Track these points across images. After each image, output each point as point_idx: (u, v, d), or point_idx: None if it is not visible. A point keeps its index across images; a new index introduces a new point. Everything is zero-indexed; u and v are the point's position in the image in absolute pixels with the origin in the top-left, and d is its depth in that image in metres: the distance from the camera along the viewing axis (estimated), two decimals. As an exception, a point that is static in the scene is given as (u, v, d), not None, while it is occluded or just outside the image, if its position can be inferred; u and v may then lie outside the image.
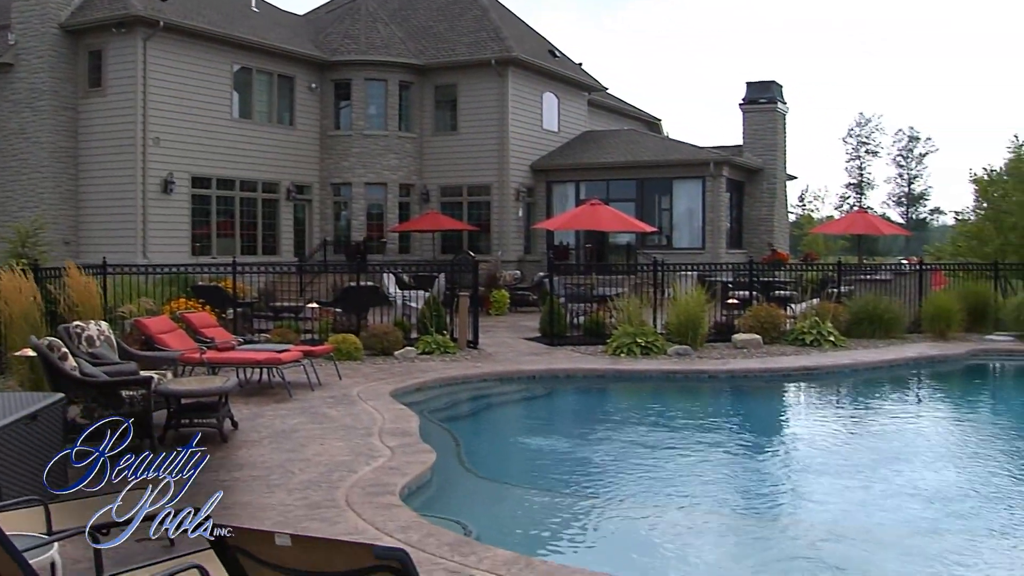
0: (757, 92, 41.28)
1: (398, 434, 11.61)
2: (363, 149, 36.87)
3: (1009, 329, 22.91)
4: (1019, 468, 12.32)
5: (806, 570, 8.09)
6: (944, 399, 18.87)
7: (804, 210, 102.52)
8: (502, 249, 36.78)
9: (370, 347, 18.76)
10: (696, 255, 34.73)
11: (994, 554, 8.57)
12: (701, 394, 17.54)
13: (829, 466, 12.20)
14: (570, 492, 10.55)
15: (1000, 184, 37.18)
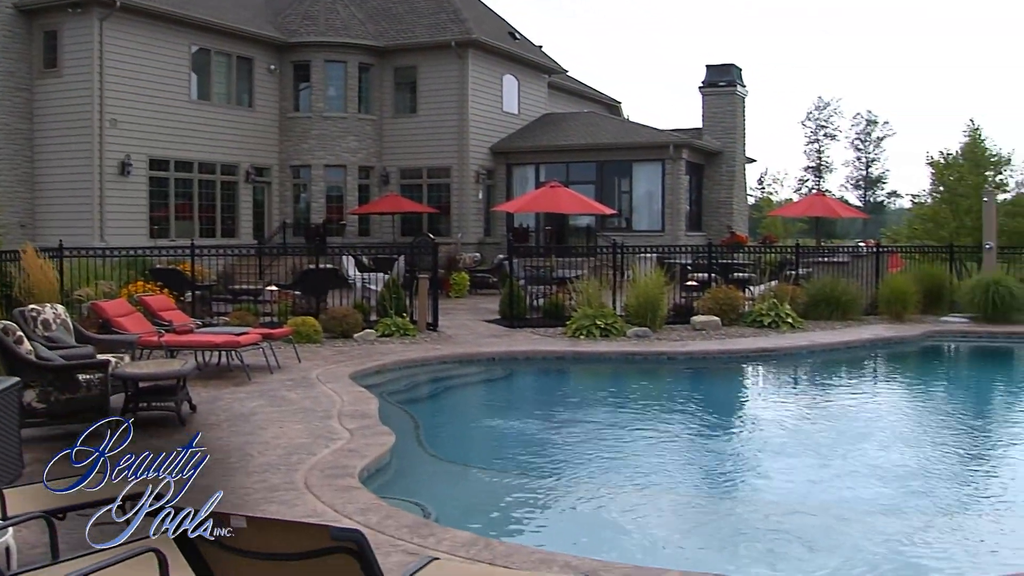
0: (716, 75, 41.40)
1: (357, 416, 11.61)
2: (323, 131, 36.75)
3: (964, 311, 23.16)
4: (972, 447, 12.51)
5: (765, 547, 8.17)
6: (900, 380, 19.05)
7: (763, 193, 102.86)
8: (462, 231, 36.76)
9: (329, 330, 18.72)
10: (655, 237, 34.84)
11: (950, 531, 8.70)
12: (660, 376, 17.62)
13: (787, 446, 12.31)
14: (530, 473, 10.59)
15: (956, 168, 37.59)
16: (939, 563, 7.77)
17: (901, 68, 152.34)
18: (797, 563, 7.76)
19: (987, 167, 37.17)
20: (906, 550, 8.06)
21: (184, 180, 32.86)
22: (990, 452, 12.37)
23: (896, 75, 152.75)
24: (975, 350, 20.98)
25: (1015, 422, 14.22)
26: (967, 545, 8.38)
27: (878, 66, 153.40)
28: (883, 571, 7.54)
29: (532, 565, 6.65)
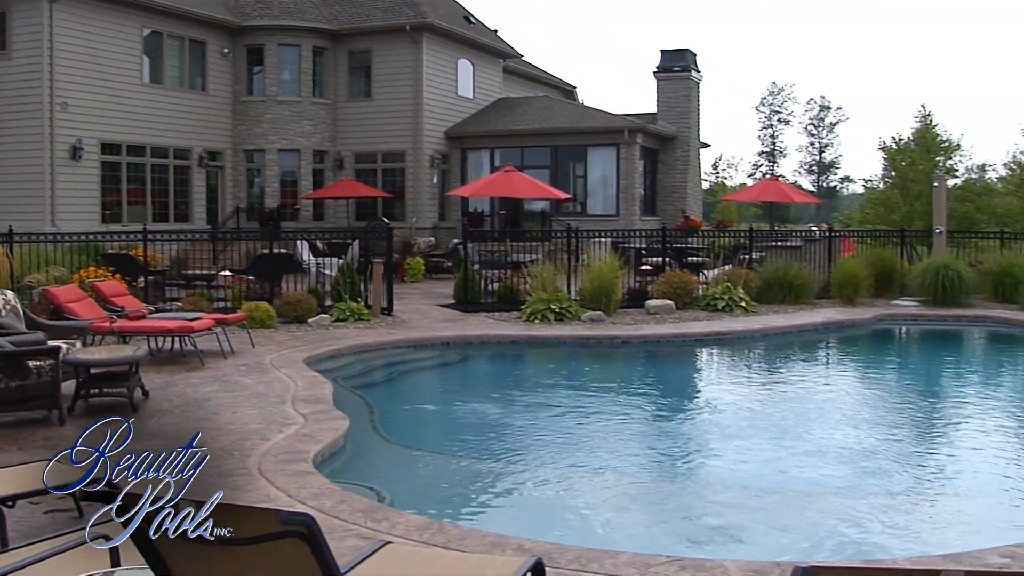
0: (671, 60, 41.44)
1: (311, 401, 11.61)
2: (276, 115, 36.52)
3: (914, 294, 23.43)
4: (923, 428, 12.70)
5: (719, 528, 8.28)
6: (852, 363, 19.29)
7: (718, 178, 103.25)
8: (417, 216, 36.70)
9: (284, 315, 18.67)
10: (610, 222, 34.89)
11: (899, 510, 8.84)
12: (614, 359, 17.72)
13: (740, 428, 12.43)
14: (484, 457, 10.64)
15: (907, 153, 37.89)
16: (891, 541, 7.90)
17: (854, 54, 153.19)
18: (750, 543, 7.86)
19: (938, 153, 37.49)
20: (858, 529, 8.20)
21: (136, 164, 32.54)
22: (939, 433, 12.57)
23: (849, 61, 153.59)
24: (925, 333, 21.23)
25: (963, 403, 14.41)
26: (918, 524, 8.52)
27: (831, 52, 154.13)
28: (835, 549, 7.65)
29: (485, 548, 6.69)
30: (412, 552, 5.49)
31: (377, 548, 4.89)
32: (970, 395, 15.17)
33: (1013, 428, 12.68)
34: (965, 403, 14.43)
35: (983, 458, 10.91)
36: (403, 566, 4.76)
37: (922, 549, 7.70)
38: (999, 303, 23.10)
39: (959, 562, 6.54)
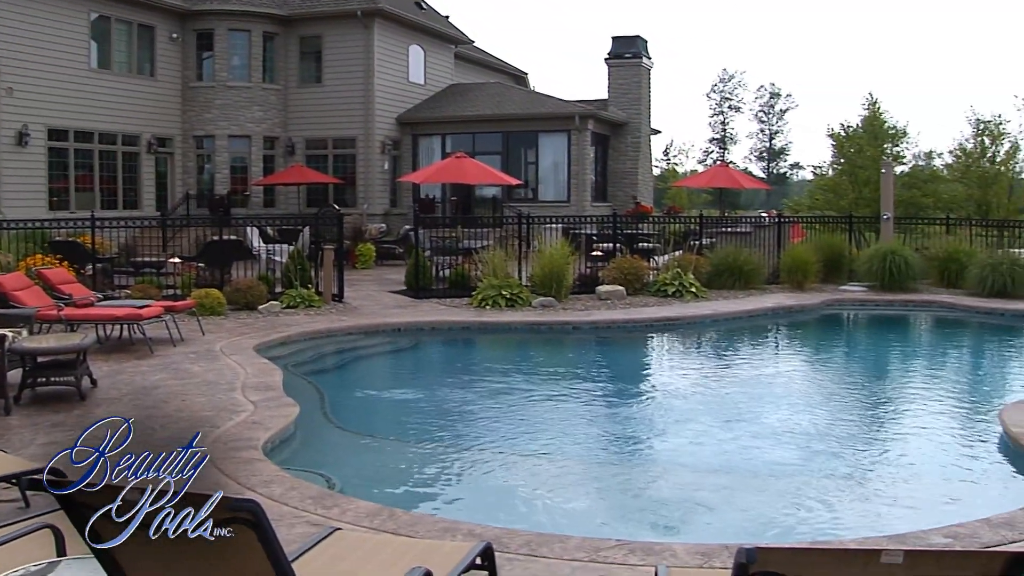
0: (622, 47, 41.54)
1: (261, 388, 11.58)
2: (226, 101, 36.26)
3: (862, 279, 23.69)
4: (870, 411, 12.85)
5: (669, 511, 8.35)
6: (800, 347, 19.48)
7: (669, 164, 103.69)
8: (368, 202, 36.61)
9: (234, 302, 18.57)
10: (561, 208, 34.97)
11: (848, 492, 8.94)
12: (565, 345, 17.78)
13: (690, 412, 12.51)
14: (435, 443, 10.64)
15: (856, 140, 38.22)
16: (839, 523, 8.01)
17: (804, 42, 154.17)
18: (700, 525, 7.94)
19: (885, 140, 37.86)
20: (807, 511, 8.29)
21: (84, 151, 32.19)
22: (886, 416, 12.71)
23: (799, 48, 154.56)
24: (872, 318, 21.46)
25: (910, 387, 14.59)
26: (866, 505, 8.63)
27: (781, 40, 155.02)
28: (784, 532, 7.73)
29: (436, 534, 6.72)
30: (361, 538, 5.50)
31: (326, 535, 4.90)
32: (916, 379, 15.37)
33: (958, 411, 12.86)
34: (911, 387, 14.61)
35: (929, 440, 11.05)
36: (351, 552, 4.78)
37: (869, 530, 7.80)
38: (945, 288, 23.41)
39: (903, 542, 6.63)
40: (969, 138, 36.54)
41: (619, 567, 6.14)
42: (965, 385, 15.04)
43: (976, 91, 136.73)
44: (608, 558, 6.28)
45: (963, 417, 12.47)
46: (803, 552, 3.39)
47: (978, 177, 35.16)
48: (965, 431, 11.56)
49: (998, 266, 22.01)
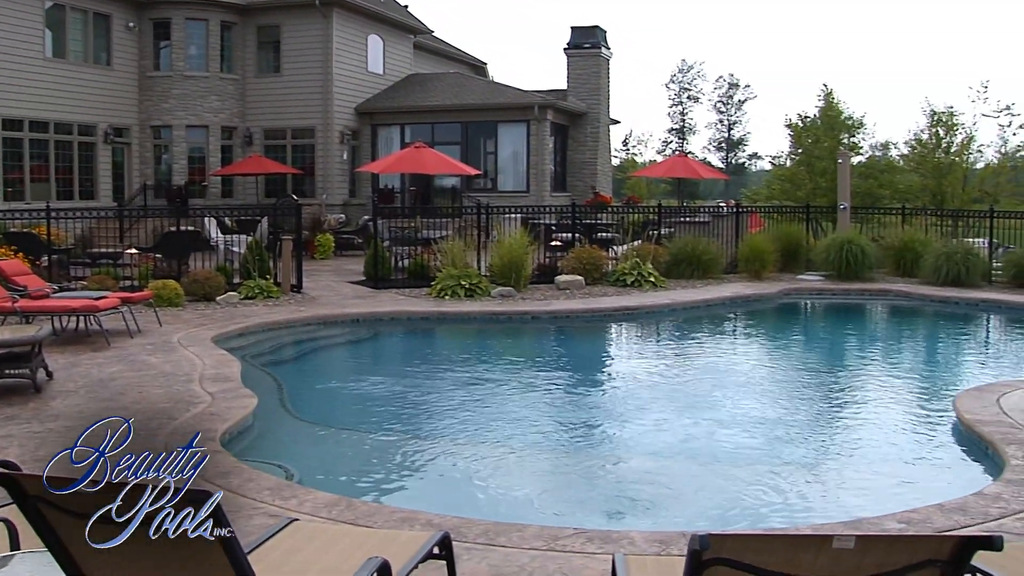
0: (581, 37, 41.59)
1: (219, 380, 11.54)
2: (184, 91, 35.98)
3: (819, 269, 23.88)
4: (827, 398, 12.96)
5: (628, 499, 8.39)
6: (758, 336, 19.60)
7: (628, 154, 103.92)
8: (327, 193, 36.48)
9: (192, 293, 18.49)
10: (520, 198, 35.00)
11: (805, 479, 9.02)
12: (524, 335, 17.82)
13: (649, 401, 12.57)
14: (394, 433, 10.64)
15: (812, 130, 38.39)
16: (796, 509, 8.08)
17: (762, 33, 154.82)
18: (657, 513, 7.98)
19: (842, 130, 38.06)
20: (765, 498, 8.35)
21: (39, 141, 31.86)
22: (843, 403, 12.81)
23: (757, 40, 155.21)
24: (829, 307, 21.65)
25: (866, 375, 14.72)
26: (823, 492, 8.72)
27: (740, 30, 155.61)
28: (741, 519, 7.80)
29: (394, 524, 6.73)
30: (319, 529, 5.50)
31: (283, 526, 4.90)
32: (872, 367, 15.50)
33: (913, 398, 13.00)
34: (868, 375, 14.74)
35: (884, 428, 11.15)
36: (309, 543, 4.78)
37: (825, 516, 7.89)
38: (901, 277, 23.65)
39: (858, 528, 6.71)
40: (924, 129, 36.78)
41: (577, 555, 6.17)
42: (920, 373, 15.20)
43: (931, 82, 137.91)
44: (566, 547, 6.31)
45: (918, 404, 12.61)
46: (756, 538, 3.43)
47: (933, 167, 35.41)
48: (920, 418, 11.68)
49: (953, 255, 22.25)
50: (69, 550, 3.55)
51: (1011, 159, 37.17)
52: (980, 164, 37.01)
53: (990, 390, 11.27)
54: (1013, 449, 8.55)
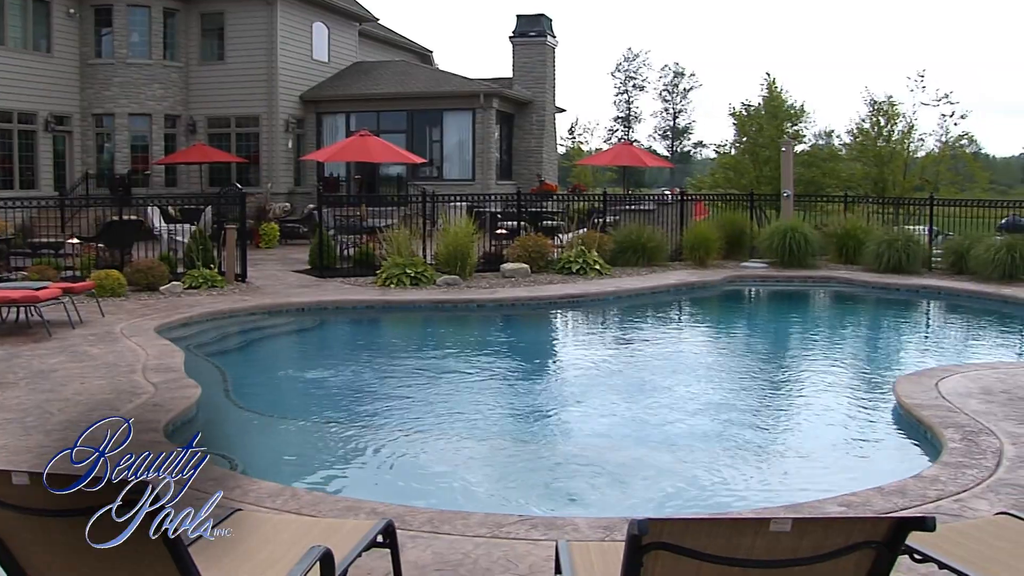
0: (527, 25, 41.58)
1: (162, 370, 11.46)
2: (126, 78, 35.58)
3: (763, 256, 24.11)
4: (770, 384, 13.10)
5: (573, 486, 8.43)
6: (702, 323, 19.76)
7: (574, 142, 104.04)
8: (272, 181, 36.28)
9: (135, 283, 18.34)
10: (466, 186, 35.00)
11: (749, 464, 9.11)
12: (470, 323, 17.84)
13: (594, 388, 12.63)
14: (339, 422, 10.62)
15: (756, 119, 38.68)
16: (739, 494, 8.16)
17: (707, 21, 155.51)
18: (602, 500, 8.03)
19: (785, 119, 38.37)
20: (709, 484, 8.45)
21: (-23, 129, 31.48)
22: (786, 389, 12.96)
23: (702, 28, 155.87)
24: (773, 293, 21.86)
25: (808, 361, 14.89)
26: (766, 477, 8.81)
27: (685, 19, 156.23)
28: (685, 504, 7.87)
29: (339, 513, 6.72)
30: (262, 519, 5.49)
31: (226, 516, 4.88)
32: (815, 353, 15.67)
33: (855, 383, 13.16)
34: (811, 361, 14.92)
35: (827, 413, 11.29)
36: (252, 533, 4.77)
37: (768, 500, 7.97)
38: (843, 264, 23.94)
39: (800, 511, 6.80)
40: (865, 118, 37.17)
41: (521, 542, 6.20)
42: (862, 358, 15.38)
43: (872, 71, 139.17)
44: (510, 534, 6.34)
45: (860, 390, 12.76)
46: (695, 522, 3.47)
47: (875, 156, 35.81)
48: (861, 403, 11.83)
49: (893, 242, 22.52)
50: (7, 544, 3.52)
51: (951, 147, 37.61)
52: (921, 152, 37.45)
53: (929, 375, 11.46)
54: (951, 432, 8.69)
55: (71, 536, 3.28)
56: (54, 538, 3.46)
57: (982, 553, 4.73)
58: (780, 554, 3.35)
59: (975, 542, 4.91)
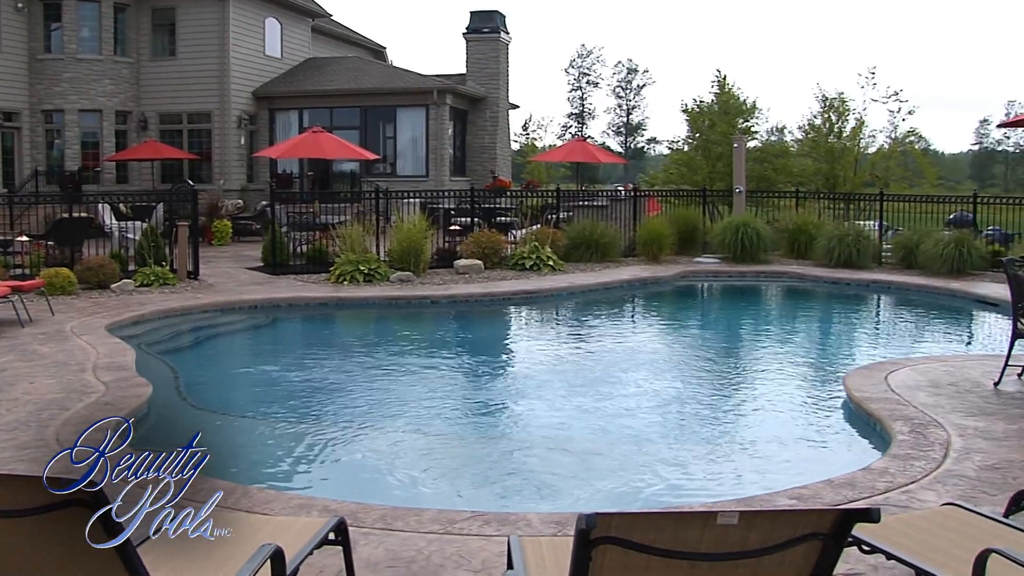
0: (480, 22, 41.58)
1: (113, 368, 11.37)
2: (76, 74, 35.23)
3: (716, 252, 24.24)
4: (723, 379, 13.18)
5: (526, 482, 8.44)
6: (656, 318, 19.84)
7: (528, 139, 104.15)
8: (224, 178, 36.08)
9: (85, 280, 18.19)
10: (420, 183, 34.95)
11: (703, 459, 9.18)
12: (424, 319, 17.84)
13: (548, 384, 12.65)
14: (292, 420, 10.59)
15: (708, 115, 38.81)
16: (692, 489, 8.22)
17: (660, 18, 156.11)
18: (556, 495, 8.05)
19: (736, 115, 38.52)
20: (663, 478, 8.49)
21: (-76, 125, 31.09)
22: (739, 383, 13.04)
23: (656, 25, 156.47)
24: (725, 288, 21.99)
25: (761, 355, 14.99)
26: (719, 471, 8.86)
27: (638, 16, 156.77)
28: (638, 499, 7.91)
29: (291, 511, 6.71)
30: (213, 518, 5.46)
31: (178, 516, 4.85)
32: (767, 347, 15.76)
33: (806, 377, 13.26)
34: (763, 355, 15.01)
35: (779, 406, 11.39)
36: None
37: (720, 495, 8.03)
38: (794, 259, 24.12)
39: (751, 504, 6.86)
40: (817, 114, 37.38)
41: (474, 538, 6.21)
42: (813, 353, 15.52)
43: (823, 68, 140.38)
44: (463, 530, 6.35)
45: (811, 384, 12.87)
46: (643, 516, 3.50)
47: (826, 152, 36.04)
48: (812, 397, 11.94)
49: (844, 238, 22.72)
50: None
51: (900, 144, 37.93)
52: (871, 149, 37.74)
53: (879, 368, 11.59)
54: (900, 425, 8.80)
55: (16, 536, 3.27)
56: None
57: (928, 543, 4.82)
58: (728, 547, 3.38)
59: (922, 532, 5.00)
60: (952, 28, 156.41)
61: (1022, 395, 10.28)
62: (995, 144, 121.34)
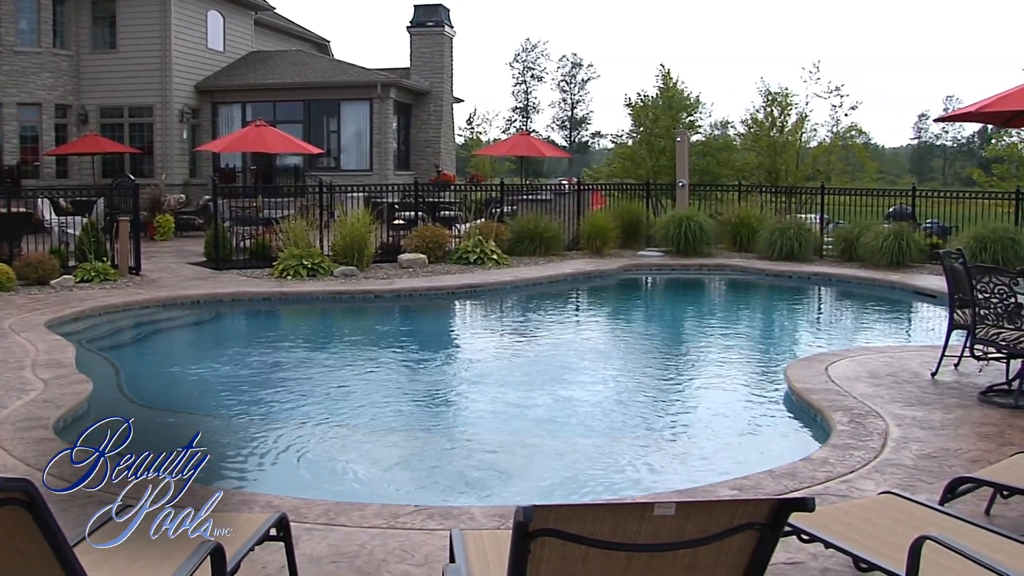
0: (424, 15, 41.50)
1: (53, 366, 11.26)
2: (14, 67, 34.76)
3: (659, 245, 24.41)
4: (666, 371, 13.27)
5: (470, 476, 8.45)
6: (599, 311, 19.93)
7: (472, 133, 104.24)
8: (166, 172, 35.79)
9: (24, 277, 17.96)
10: (364, 177, 34.87)
11: (645, 451, 9.21)
12: (368, 314, 17.80)
13: (492, 378, 12.68)
14: (235, 416, 10.53)
15: (652, 110, 39.02)
16: (635, 481, 8.26)
17: (604, 12, 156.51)
18: (499, 489, 8.07)
19: (680, 109, 38.75)
20: (606, 471, 8.54)
21: None
22: (681, 375, 13.13)
23: (600, 19, 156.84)
24: (669, 281, 22.15)
25: (703, 347, 15.11)
26: (661, 463, 8.91)
27: (582, 10, 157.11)
28: (580, 491, 7.94)
29: (232, 507, 6.68)
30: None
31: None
32: (710, 339, 15.89)
33: (748, 369, 13.40)
34: (705, 347, 15.14)
35: (721, 398, 11.49)
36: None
37: (661, 486, 8.08)
38: (737, 252, 24.34)
39: (692, 495, 6.91)
40: (760, 108, 37.68)
41: (417, 532, 6.22)
42: (755, 345, 15.65)
43: (766, 62, 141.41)
44: (406, 524, 6.36)
45: (753, 375, 13.00)
46: (581, 508, 3.52)
47: (768, 146, 36.34)
48: (754, 388, 12.05)
49: (786, 231, 22.96)
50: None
51: (842, 138, 38.34)
52: (813, 143, 38.11)
53: (819, 360, 11.74)
54: (839, 415, 8.91)
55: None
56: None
57: (865, 531, 4.91)
58: (666, 537, 3.41)
59: (860, 521, 5.09)
60: (893, 25, 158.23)
61: (959, 385, 10.43)
62: (934, 138, 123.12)
